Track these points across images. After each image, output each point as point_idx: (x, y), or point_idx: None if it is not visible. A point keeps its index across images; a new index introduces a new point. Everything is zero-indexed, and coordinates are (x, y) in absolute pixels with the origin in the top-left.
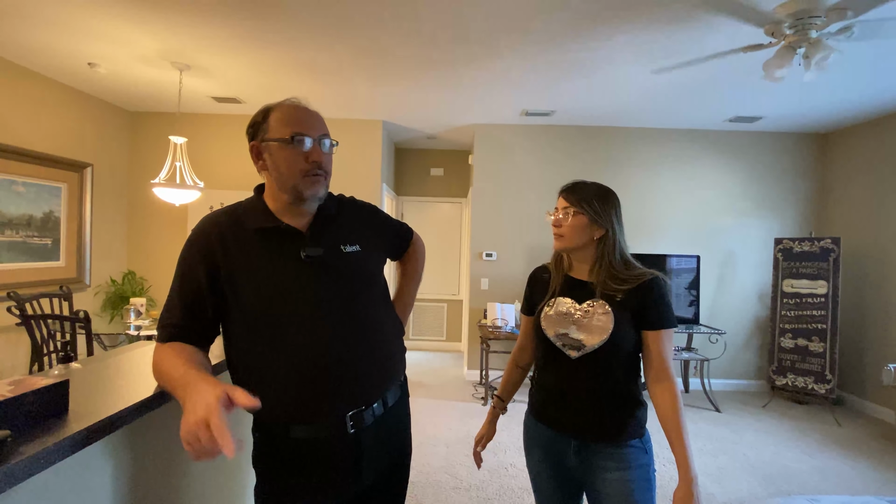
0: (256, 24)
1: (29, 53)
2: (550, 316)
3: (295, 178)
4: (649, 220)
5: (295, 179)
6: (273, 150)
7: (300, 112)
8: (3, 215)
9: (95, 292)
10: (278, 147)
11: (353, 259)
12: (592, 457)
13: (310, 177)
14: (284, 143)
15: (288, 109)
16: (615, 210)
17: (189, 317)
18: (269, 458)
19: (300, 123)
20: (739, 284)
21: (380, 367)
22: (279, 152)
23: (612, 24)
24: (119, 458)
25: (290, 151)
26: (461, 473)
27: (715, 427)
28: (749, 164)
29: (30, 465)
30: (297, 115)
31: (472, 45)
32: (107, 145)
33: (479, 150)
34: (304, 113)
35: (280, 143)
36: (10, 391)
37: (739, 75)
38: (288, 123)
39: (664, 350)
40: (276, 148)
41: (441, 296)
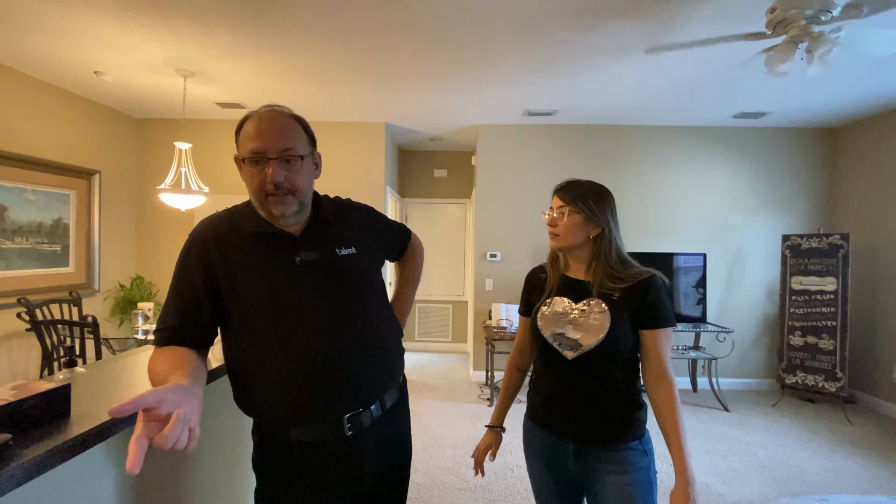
0: (260, 30)
1: (37, 63)
2: (547, 316)
3: (259, 197)
4: (656, 219)
5: (259, 199)
6: (241, 168)
7: (262, 124)
8: (14, 222)
9: (104, 297)
10: (242, 166)
11: (348, 262)
12: (592, 460)
13: (273, 196)
14: (245, 163)
15: (252, 124)
16: (611, 208)
17: (185, 320)
18: (268, 461)
19: (260, 139)
20: (748, 282)
21: (377, 368)
22: (244, 171)
23: (613, 17)
24: (122, 462)
25: (250, 171)
26: (467, 475)
27: (724, 427)
28: (756, 160)
29: (30, 468)
30: (257, 130)
31: (473, 47)
32: (114, 152)
33: (482, 150)
34: (265, 126)
35: (242, 163)
36: (13, 395)
37: (744, 71)
38: (249, 140)
39: (662, 349)
40: (242, 166)
41: (446, 297)
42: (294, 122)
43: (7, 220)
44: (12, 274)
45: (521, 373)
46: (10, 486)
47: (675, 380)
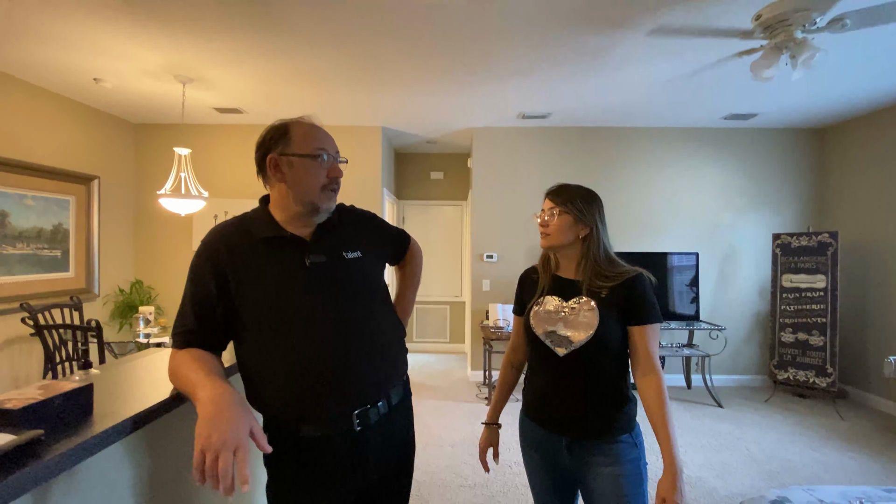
0: (258, 37)
1: (37, 71)
2: (539, 314)
3: (314, 191)
4: (648, 219)
5: (314, 193)
6: (295, 164)
7: (321, 131)
8: (15, 228)
9: (104, 302)
10: (301, 161)
11: (354, 264)
12: (584, 453)
13: (327, 191)
14: (309, 158)
15: (310, 127)
16: (598, 210)
17: (201, 322)
18: (280, 456)
19: (321, 140)
20: (739, 280)
21: (383, 366)
22: (300, 166)
23: (604, 23)
24: (139, 457)
25: (312, 166)
26: (466, 472)
27: (717, 422)
28: (746, 160)
29: (61, 461)
30: (319, 134)
31: (468, 53)
32: (112, 157)
33: (477, 153)
34: (323, 132)
35: (303, 158)
36: (41, 394)
37: (732, 74)
38: (312, 140)
39: (650, 344)
40: (298, 162)
41: (444, 298)
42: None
43: (8, 226)
44: (14, 279)
45: (515, 370)
46: (43, 479)
47: (663, 373)
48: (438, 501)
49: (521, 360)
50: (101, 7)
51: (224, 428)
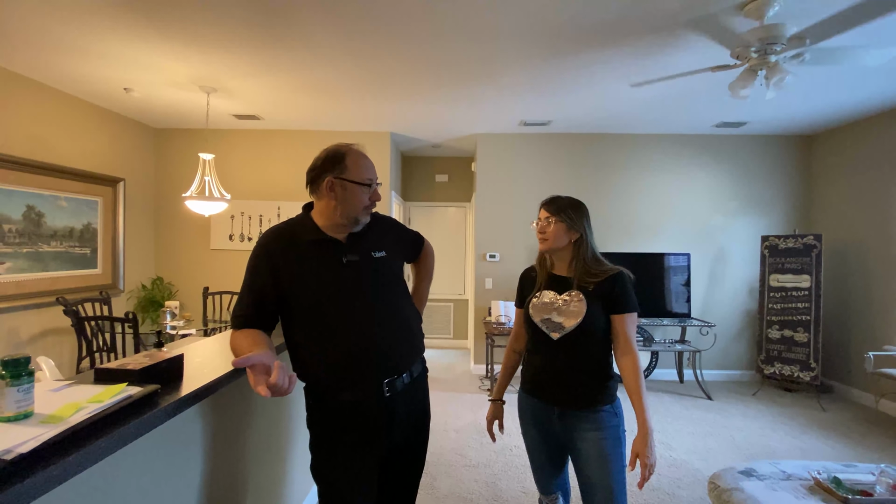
0: (275, 51)
1: (72, 81)
2: (536, 305)
3: (358, 210)
4: (644, 221)
5: (358, 211)
6: (349, 188)
7: (369, 162)
8: (50, 228)
9: (128, 297)
10: (354, 186)
11: (381, 262)
12: (572, 420)
13: (367, 210)
14: (362, 186)
15: (362, 158)
16: (586, 217)
17: (256, 308)
18: (320, 419)
19: (371, 171)
20: (730, 280)
21: (407, 344)
22: (353, 190)
23: (601, 45)
24: (205, 418)
25: (362, 191)
26: (470, 454)
27: (706, 413)
28: (737, 166)
29: (171, 409)
30: (369, 164)
31: (474, 65)
32: (136, 161)
33: (481, 157)
34: (370, 162)
35: (358, 185)
36: (149, 360)
37: (720, 87)
38: (365, 170)
39: (628, 330)
40: (352, 187)
41: (448, 296)
42: None
43: (44, 225)
44: (48, 275)
45: (517, 355)
46: (160, 422)
47: (638, 354)
48: (445, 479)
49: (521, 345)
50: (135, 24)
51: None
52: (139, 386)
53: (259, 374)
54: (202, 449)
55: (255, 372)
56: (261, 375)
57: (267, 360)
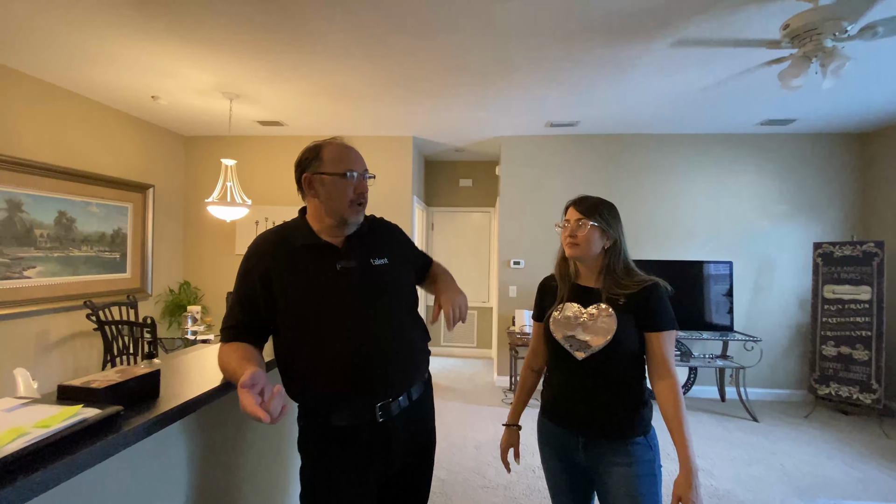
0: (295, 56)
1: (103, 90)
2: (558, 320)
3: (343, 206)
4: (680, 227)
5: (343, 208)
6: (326, 182)
7: (350, 151)
8: (81, 233)
9: (156, 301)
10: (331, 180)
11: (381, 270)
12: (599, 452)
13: (355, 206)
14: (338, 177)
15: (340, 148)
16: (619, 222)
17: (246, 318)
18: (311, 443)
19: (351, 161)
20: (777, 290)
21: (404, 365)
22: (331, 184)
23: (633, 38)
24: (192, 436)
25: (341, 184)
26: (489, 474)
27: (751, 436)
28: (784, 166)
29: (135, 433)
30: (347, 154)
31: (496, 65)
32: (165, 167)
33: (505, 161)
34: (353, 153)
35: (333, 177)
36: (119, 377)
37: (767, 80)
38: (341, 161)
39: (665, 349)
40: (328, 180)
41: (471, 303)
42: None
43: (75, 230)
44: (79, 279)
45: (535, 374)
46: (121, 447)
47: (678, 377)
48: (461, 501)
49: (540, 364)
50: (160, 33)
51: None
52: (98, 408)
53: (255, 394)
54: (186, 472)
55: (254, 392)
56: (257, 396)
57: (261, 380)
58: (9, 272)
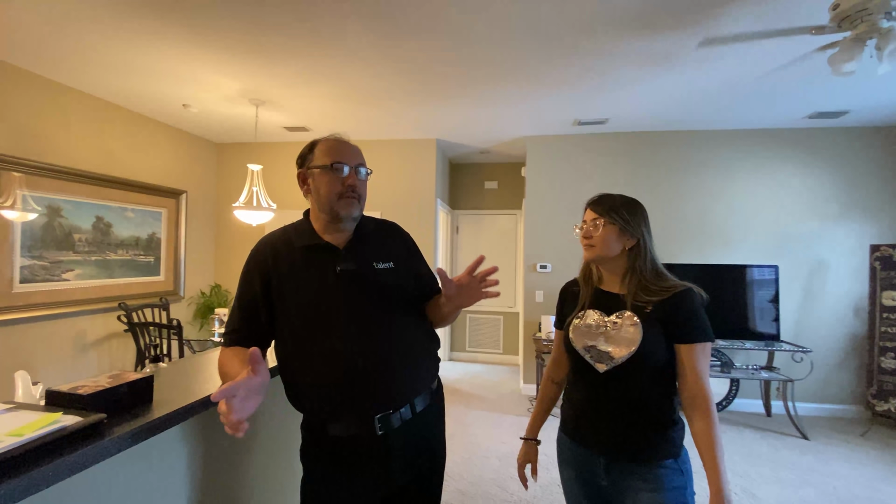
0: (315, 60)
1: (138, 100)
2: (579, 328)
3: (332, 199)
4: (719, 229)
5: (332, 201)
6: (315, 176)
7: (340, 144)
8: (117, 237)
9: (189, 303)
10: (320, 173)
11: (385, 274)
12: (623, 476)
13: (344, 199)
14: (325, 170)
15: (330, 142)
16: (644, 220)
17: (247, 324)
18: (312, 454)
19: (340, 154)
20: (829, 297)
21: (406, 374)
22: (320, 177)
23: (661, 21)
24: (193, 443)
25: (329, 176)
26: (512, 487)
27: (800, 456)
28: (835, 163)
29: (119, 442)
30: (337, 147)
31: (520, 62)
32: (197, 174)
33: (531, 162)
34: (343, 145)
35: (321, 170)
36: (109, 383)
37: (814, 69)
38: (329, 153)
39: (698, 363)
40: (317, 174)
41: (497, 308)
42: (359, 148)
43: (112, 235)
44: (115, 282)
45: (556, 386)
46: (104, 457)
47: (712, 395)
48: None
49: (562, 375)
50: (187, 43)
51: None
52: (78, 415)
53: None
54: (187, 482)
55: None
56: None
57: (245, 385)
58: (48, 275)
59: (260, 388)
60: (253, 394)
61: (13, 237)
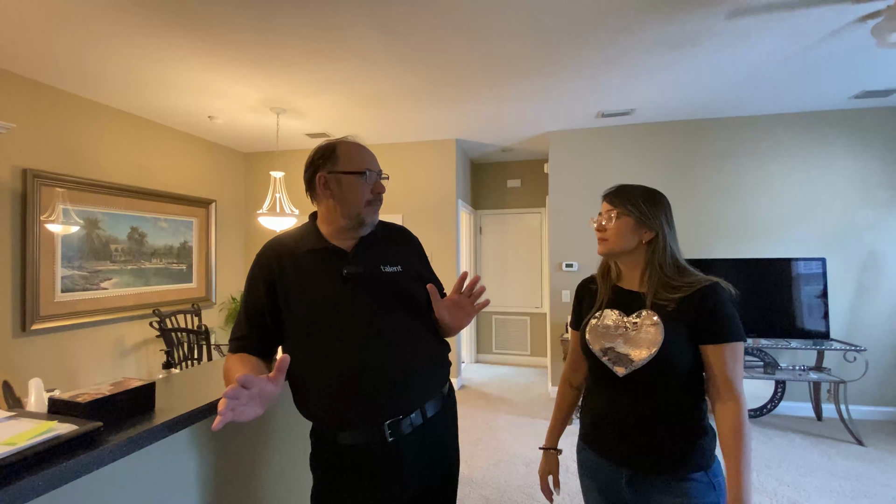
0: (331, 66)
1: (164, 113)
2: (596, 329)
3: (360, 205)
4: (760, 221)
5: (360, 207)
6: (343, 181)
7: (365, 150)
8: (151, 246)
9: (220, 309)
10: (349, 179)
11: (392, 278)
12: (648, 490)
13: (372, 205)
14: (356, 176)
15: (355, 146)
16: (665, 212)
17: (252, 329)
18: (321, 462)
19: (369, 160)
20: (885, 292)
21: (416, 379)
22: (350, 183)
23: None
24: (203, 449)
25: (358, 182)
26: (539, 495)
27: (856, 463)
28: (887, 146)
29: (115, 450)
30: (363, 153)
31: (536, 55)
32: (226, 183)
33: (554, 158)
34: (367, 151)
35: (350, 175)
36: (109, 390)
37: (859, 44)
38: (357, 159)
39: (727, 366)
40: (346, 179)
41: (523, 309)
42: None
43: (146, 244)
44: (150, 289)
45: (575, 390)
46: (99, 465)
47: (744, 400)
48: None
49: (579, 379)
50: (207, 56)
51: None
52: (75, 423)
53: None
54: (197, 489)
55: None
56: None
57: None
58: (87, 284)
59: (268, 397)
60: (260, 399)
61: (55, 249)
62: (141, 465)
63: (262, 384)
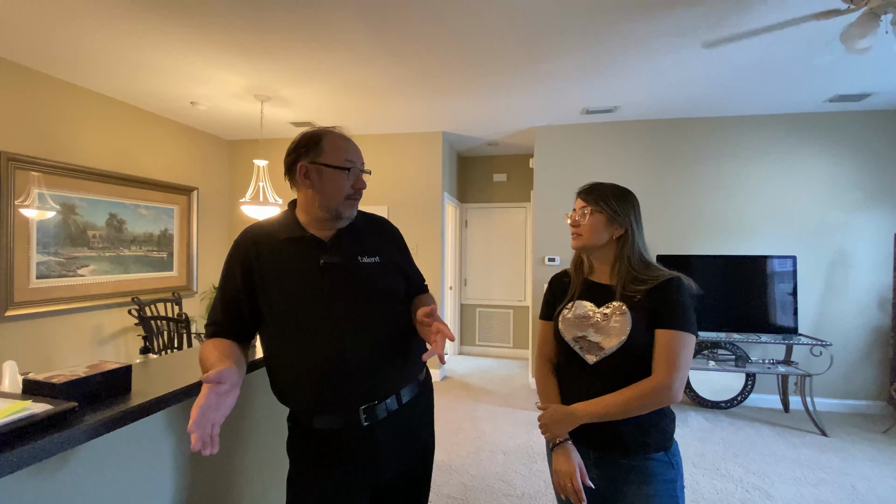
0: (316, 55)
1: (145, 98)
2: (569, 319)
3: (339, 199)
4: (736, 219)
5: (339, 201)
6: (325, 173)
7: (350, 143)
8: (130, 234)
9: (201, 298)
10: (331, 172)
11: (369, 269)
12: (613, 470)
13: (350, 200)
14: (339, 169)
15: (341, 139)
16: (633, 210)
17: (228, 315)
18: (297, 446)
19: (352, 153)
20: (852, 289)
21: (391, 366)
22: (331, 176)
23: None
24: (178, 432)
25: (340, 176)
26: (516, 481)
27: (819, 453)
28: (859, 148)
29: (89, 430)
30: (349, 146)
31: (522, 49)
32: (209, 171)
33: (539, 153)
34: (352, 144)
35: (333, 168)
36: (85, 372)
37: (832, 49)
38: (342, 152)
39: (673, 350)
40: (328, 171)
41: (507, 302)
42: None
43: (125, 232)
44: (129, 277)
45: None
46: (72, 444)
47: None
48: None
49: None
50: (191, 40)
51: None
52: (49, 404)
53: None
54: (172, 471)
55: (218, 391)
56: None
57: (226, 376)
58: (64, 270)
59: (232, 387)
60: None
61: (30, 235)
62: (116, 446)
63: (231, 376)
